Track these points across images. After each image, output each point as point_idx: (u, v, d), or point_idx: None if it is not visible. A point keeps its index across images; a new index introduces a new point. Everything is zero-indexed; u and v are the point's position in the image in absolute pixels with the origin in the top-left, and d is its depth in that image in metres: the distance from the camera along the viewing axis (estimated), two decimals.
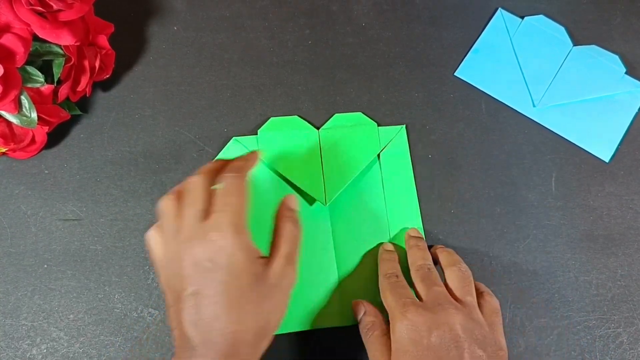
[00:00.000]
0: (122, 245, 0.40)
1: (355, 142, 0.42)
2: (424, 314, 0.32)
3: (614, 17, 0.49)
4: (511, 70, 0.46)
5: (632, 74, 0.46)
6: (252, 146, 0.42)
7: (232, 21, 0.47)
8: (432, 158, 0.43)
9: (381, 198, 0.42)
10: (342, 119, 0.44)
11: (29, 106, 0.35)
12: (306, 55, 0.46)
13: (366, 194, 0.42)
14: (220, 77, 0.45)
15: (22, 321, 0.38)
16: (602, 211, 0.43)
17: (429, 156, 0.43)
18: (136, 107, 0.43)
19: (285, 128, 0.43)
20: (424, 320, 0.31)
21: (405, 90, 0.45)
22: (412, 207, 0.42)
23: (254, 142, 0.42)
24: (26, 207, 0.40)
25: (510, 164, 0.44)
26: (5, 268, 0.39)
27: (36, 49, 0.36)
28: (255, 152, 0.35)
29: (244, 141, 0.42)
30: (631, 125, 0.45)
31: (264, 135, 0.42)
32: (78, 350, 0.37)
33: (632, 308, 0.40)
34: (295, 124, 0.43)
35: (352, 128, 0.43)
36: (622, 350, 0.39)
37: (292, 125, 0.43)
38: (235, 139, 0.42)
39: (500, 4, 0.49)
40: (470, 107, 0.45)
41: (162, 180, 0.41)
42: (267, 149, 0.42)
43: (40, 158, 0.41)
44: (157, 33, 0.46)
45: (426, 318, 0.31)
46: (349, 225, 0.41)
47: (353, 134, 0.43)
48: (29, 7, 0.33)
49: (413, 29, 0.48)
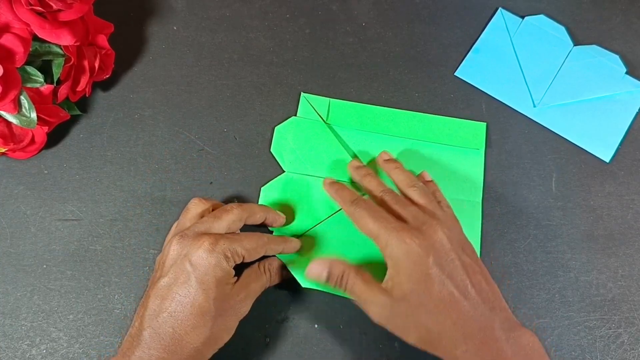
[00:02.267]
0: (122, 245, 0.40)
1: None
2: (416, 236, 0.32)
3: (615, 17, 0.49)
4: (511, 70, 0.46)
5: (633, 73, 0.46)
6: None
7: (232, 21, 0.47)
8: None
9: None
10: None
11: (29, 106, 0.35)
12: (306, 55, 0.46)
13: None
14: (220, 77, 0.45)
15: (21, 321, 0.38)
16: (602, 211, 0.43)
17: None
18: (136, 107, 0.43)
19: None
20: (418, 242, 0.32)
21: (405, 90, 0.45)
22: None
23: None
24: (26, 207, 0.40)
25: (510, 164, 0.43)
26: (5, 268, 0.39)
27: (36, 49, 0.36)
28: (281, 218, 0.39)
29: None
30: (632, 125, 0.45)
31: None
32: (78, 350, 0.37)
33: (633, 308, 0.40)
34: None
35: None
36: (622, 351, 0.39)
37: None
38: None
39: (500, 4, 0.49)
40: (471, 107, 0.45)
41: (162, 180, 0.41)
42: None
43: (39, 158, 0.41)
44: (157, 33, 0.46)
45: (420, 240, 0.32)
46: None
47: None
48: (28, 7, 0.33)
49: (413, 29, 0.48)
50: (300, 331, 0.38)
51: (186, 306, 0.31)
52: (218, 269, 0.31)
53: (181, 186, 0.41)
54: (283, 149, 0.42)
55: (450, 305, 0.31)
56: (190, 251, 0.32)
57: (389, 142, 0.43)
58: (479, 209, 0.42)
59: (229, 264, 0.32)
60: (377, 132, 0.43)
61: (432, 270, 0.31)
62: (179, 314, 0.31)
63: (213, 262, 0.31)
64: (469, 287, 0.32)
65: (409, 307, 0.31)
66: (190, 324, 0.30)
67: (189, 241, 0.32)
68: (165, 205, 0.41)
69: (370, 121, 0.43)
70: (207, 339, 0.31)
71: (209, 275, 0.31)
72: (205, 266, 0.31)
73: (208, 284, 0.31)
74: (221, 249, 0.32)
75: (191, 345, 0.30)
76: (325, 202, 0.40)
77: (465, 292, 0.31)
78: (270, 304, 0.39)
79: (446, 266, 0.32)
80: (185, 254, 0.32)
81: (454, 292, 0.31)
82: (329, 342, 0.38)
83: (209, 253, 0.31)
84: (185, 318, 0.30)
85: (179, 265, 0.32)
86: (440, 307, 0.31)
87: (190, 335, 0.30)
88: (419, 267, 0.31)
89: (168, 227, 0.40)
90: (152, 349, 0.30)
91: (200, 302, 0.31)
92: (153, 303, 0.31)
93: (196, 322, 0.31)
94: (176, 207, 0.41)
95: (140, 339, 0.30)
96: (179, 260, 0.32)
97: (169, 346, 0.30)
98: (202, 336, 0.31)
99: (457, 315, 0.31)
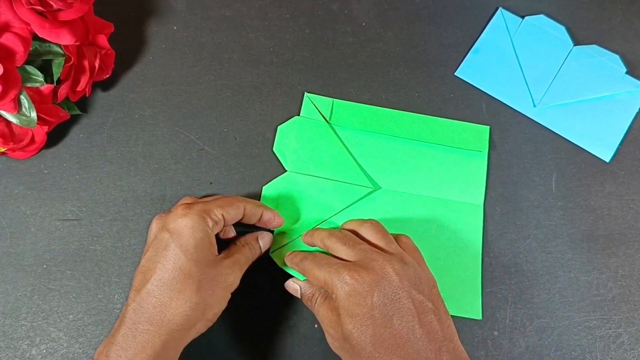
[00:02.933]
0: (122, 245, 0.39)
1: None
2: (359, 272, 0.31)
3: (615, 16, 0.49)
4: (511, 70, 0.46)
5: (633, 73, 0.46)
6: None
7: (232, 21, 0.47)
8: None
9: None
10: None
11: (29, 106, 0.35)
12: (306, 55, 0.46)
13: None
14: (220, 77, 0.45)
15: (21, 321, 0.37)
16: (602, 211, 0.43)
17: None
18: (136, 107, 0.43)
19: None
20: (362, 280, 0.31)
21: (405, 90, 0.45)
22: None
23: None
24: (25, 207, 0.40)
25: (510, 164, 0.43)
26: (5, 268, 0.39)
27: (36, 49, 0.36)
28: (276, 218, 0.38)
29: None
30: (632, 125, 0.45)
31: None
32: (78, 350, 0.37)
33: (633, 308, 0.40)
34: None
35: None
36: (622, 351, 0.39)
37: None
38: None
39: (500, 4, 0.49)
40: (471, 107, 0.45)
41: (162, 180, 0.41)
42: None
43: (39, 158, 0.41)
44: (157, 33, 0.46)
45: (363, 277, 0.31)
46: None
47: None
48: (28, 7, 0.33)
49: (413, 29, 0.48)
50: (300, 331, 0.38)
51: (168, 271, 0.30)
52: (196, 230, 0.31)
53: (181, 186, 0.41)
54: (285, 148, 0.42)
55: (391, 348, 0.29)
56: (167, 221, 0.32)
57: (392, 144, 0.43)
58: (480, 212, 0.42)
59: (206, 224, 0.32)
60: (381, 133, 0.43)
61: (374, 312, 0.30)
62: (160, 280, 0.30)
63: (189, 224, 0.31)
64: (417, 328, 0.30)
65: (351, 348, 0.30)
66: (173, 289, 0.30)
67: (166, 214, 0.33)
68: (165, 205, 0.41)
69: (374, 122, 0.43)
70: (194, 305, 0.30)
71: (188, 236, 0.31)
72: (182, 229, 0.31)
73: (187, 246, 0.31)
74: (196, 211, 0.32)
75: (177, 311, 0.30)
76: (327, 202, 0.40)
77: (410, 334, 0.30)
78: (270, 303, 0.39)
79: (391, 306, 0.30)
80: (163, 225, 0.32)
81: (398, 334, 0.30)
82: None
83: (184, 217, 0.31)
84: (168, 283, 0.30)
85: (158, 237, 0.32)
86: (381, 351, 0.29)
87: (175, 301, 0.30)
88: (360, 309, 0.30)
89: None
90: (136, 322, 0.29)
91: (181, 264, 0.30)
92: (136, 280, 0.31)
93: (180, 286, 0.30)
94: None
95: (125, 316, 0.30)
96: (158, 234, 0.32)
97: (154, 316, 0.29)
98: (190, 302, 0.30)
99: (398, 358, 0.29)
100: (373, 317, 0.30)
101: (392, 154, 0.43)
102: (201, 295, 0.31)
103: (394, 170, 0.42)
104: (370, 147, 0.43)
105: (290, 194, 0.41)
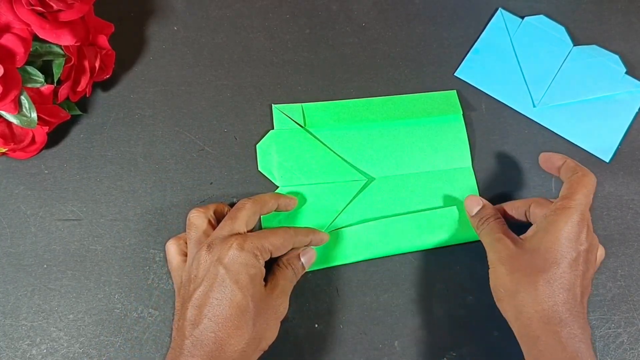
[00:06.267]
0: (122, 245, 0.40)
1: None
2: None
3: (614, 17, 0.49)
4: (511, 70, 0.46)
5: (633, 73, 0.46)
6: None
7: (232, 21, 0.47)
8: None
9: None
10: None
11: (29, 106, 0.35)
12: (306, 55, 0.46)
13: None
14: (220, 77, 0.45)
15: (21, 321, 0.38)
16: (602, 211, 0.43)
17: None
18: (136, 107, 0.43)
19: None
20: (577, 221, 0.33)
21: (405, 90, 0.45)
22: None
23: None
24: (26, 207, 0.40)
25: (510, 164, 0.44)
26: (5, 268, 0.39)
27: (36, 49, 0.36)
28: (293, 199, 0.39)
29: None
30: (631, 125, 0.45)
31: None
32: (78, 350, 0.37)
33: (632, 308, 0.40)
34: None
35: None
36: (622, 351, 0.39)
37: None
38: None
39: (500, 4, 0.49)
40: (470, 107, 0.45)
41: (162, 180, 0.41)
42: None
43: (40, 158, 0.41)
44: (157, 33, 0.46)
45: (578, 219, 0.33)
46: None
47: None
48: (29, 7, 0.33)
49: (413, 29, 0.48)
50: (300, 331, 0.38)
51: (225, 308, 0.30)
52: (250, 267, 0.31)
53: (181, 186, 0.41)
54: (270, 165, 0.42)
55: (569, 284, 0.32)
56: (221, 255, 0.32)
57: (370, 131, 0.43)
58: (471, 173, 0.42)
59: (259, 261, 0.32)
60: (356, 123, 0.43)
61: (575, 252, 0.32)
62: (218, 317, 0.30)
63: (245, 261, 0.31)
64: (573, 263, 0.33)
65: (530, 257, 0.33)
66: (231, 325, 0.30)
67: (217, 247, 0.32)
68: (165, 205, 0.41)
69: (347, 116, 0.43)
70: (250, 340, 0.31)
71: (243, 274, 0.31)
72: (238, 265, 0.31)
73: (243, 282, 0.31)
74: (250, 247, 0.32)
75: (235, 348, 0.30)
76: (328, 206, 0.41)
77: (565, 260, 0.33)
78: None
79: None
80: (217, 259, 0.32)
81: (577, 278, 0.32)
82: (329, 342, 0.38)
83: (239, 252, 0.31)
84: (225, 320, 0.30)
85: (211, 271, 0.31)
86: (564, 279, 0.32)
87: (233, 338, 0.30)
88: (570, 243, 0.33)
89: (168, 227, 0.40)
90: (195, 356, 0.29)
91: (238, 301, 0.30)
92: (191, 313, 0.31)
93: (237, 322, 0.30)
94: (176, 207, 0.41)
95: (183, 349, 0.30)
96: (211, 267, 0.31)
97: (213, 352, 0.29)
98: (246, 337, 0.30)
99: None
100: (576, 257, 0.33)
101: (375, 142, 0.43)
102: (256, 330, 0.31)
103: (381, 157, 0.42)
104: (352, 141, 0.43)
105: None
